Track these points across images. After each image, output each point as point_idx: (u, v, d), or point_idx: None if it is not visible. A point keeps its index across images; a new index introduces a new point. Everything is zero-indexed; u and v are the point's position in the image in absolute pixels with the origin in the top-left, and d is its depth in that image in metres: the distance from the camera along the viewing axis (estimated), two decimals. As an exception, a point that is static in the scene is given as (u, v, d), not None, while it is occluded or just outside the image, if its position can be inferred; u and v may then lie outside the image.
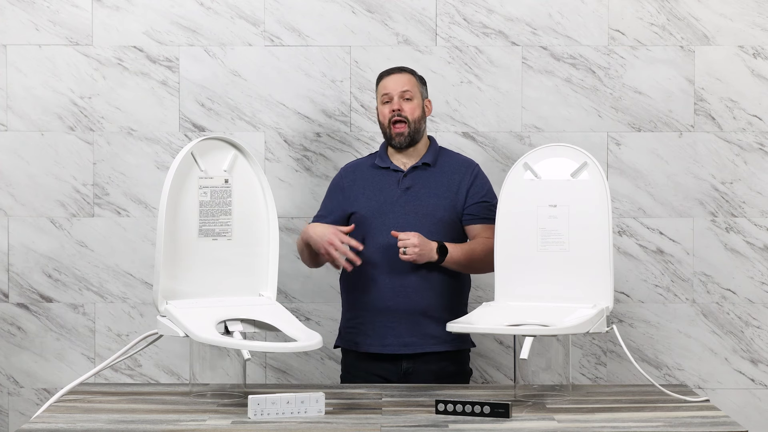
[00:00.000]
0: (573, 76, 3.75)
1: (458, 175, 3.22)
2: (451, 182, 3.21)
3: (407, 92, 3.20)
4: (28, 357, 3.77)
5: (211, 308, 2.70)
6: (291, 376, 3.78)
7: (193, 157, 2.78)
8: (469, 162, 3.29)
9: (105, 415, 2.54)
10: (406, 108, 3.19)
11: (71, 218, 3.75)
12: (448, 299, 3.18)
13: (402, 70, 3.25)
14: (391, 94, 3.20)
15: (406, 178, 3.21)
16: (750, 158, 3.76)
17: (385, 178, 3.22)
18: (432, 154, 3.24)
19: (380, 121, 3.23)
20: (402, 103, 3.19)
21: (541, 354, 2.75)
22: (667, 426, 2.43)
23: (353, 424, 2.43)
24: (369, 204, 3.17)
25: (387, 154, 3.26)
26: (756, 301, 3.77)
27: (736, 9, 3.75)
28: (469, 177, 3.23)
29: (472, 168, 3.26)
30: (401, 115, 3.18)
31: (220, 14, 3.75)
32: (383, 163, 3.24)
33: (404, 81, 3.21)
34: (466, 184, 3.22)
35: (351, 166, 3.33)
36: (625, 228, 3.76)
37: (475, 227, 3.20)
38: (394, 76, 3.23)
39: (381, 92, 3.23)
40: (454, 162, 3.26)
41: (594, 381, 3.77)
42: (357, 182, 3.25)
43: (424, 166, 3.23)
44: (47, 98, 3.75)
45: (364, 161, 3.32)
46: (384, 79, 3.24)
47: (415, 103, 3.21)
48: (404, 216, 3.15)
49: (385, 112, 3.21)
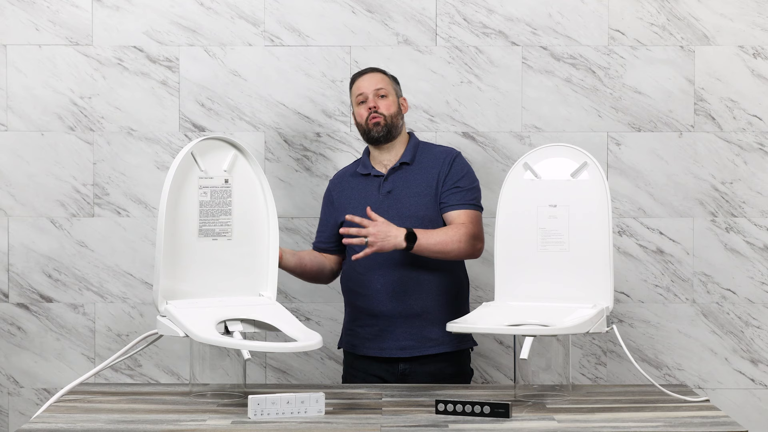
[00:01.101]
0: (573, 76, 3.75)
1: (436, 168, 3.20)
2: (430, 177, 3.20)
3: (381, 90, 3.22)
4: (28, 357, 3.77)
5: (211, 308, 2.70)
6: (291, 376, 3.78)
7: (193, 157, 2.78)
8: (448, 151, 3.25)
9: (105, 415, 2.54)
10: (382, 105, 3.21)
11: (71, 218, 3.75)
12: (446, 301, 3.18)
13: (373, 70, 3.28)
14: (366, 94, 3.21)
15: (386, 182, 3.21)
16: (750, 158, 3.76)
17: (368, 184, 3.23)
18: (410, 152, 3.23)
19: (357, 122, 3.24)
20: (377, 100, 3.21)
21: (541, 354, 2.75)
22: (667, 426, 2.43)
23: (353, 424, 2.43)
24: (355, 212, 3.15)
25: (369, 159, 3.27)
26: (756, 301, 3.77)
27: (736, 9, 3.75)
28: (446, 167, 3.20)
29: (450, 156, 3.23)
30: (377, 112, 3.19)
31: (220, 14, 3.75)
32: (365, 170, 3.26)
33: (377, 80, 3.23)
34: (443, 175, 3.20)
35: (338, 176, 3.35)
36: (625, 228, 3.76)
37: (450, 214, 3.16)
38: (366, 77, 3.25)
39: (355, 93, 3.24)
40: (432, 155, 3.24)
41: (594, 381, 3.76)
42: (344, 192, 3.27)
43: (402, 166, 3.22)
44: (47, 98, 3.75)
45: (348, 169, 3.34)
46: (357, 81, 3.26)
47: (390, 99, 3.22)
48: (389, 220, 3.12)
49: (361, 112, 3.22)
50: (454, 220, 3.15)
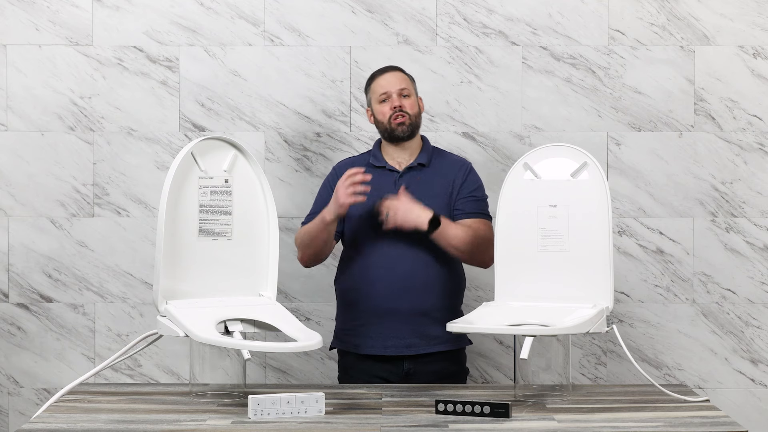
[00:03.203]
0: (573, 76, 3.75)
1: (452, 174, 3.23)
2: (445, 182, 3.21)
3: (405, 89, 3.22)
4: (28, 357, 3.77)
5: (211, 308, 2.70)
6: (291, 376, 3.78)
7: (193, 157, 2.78)
8: (462, 161, 3.30)
9: (105, 415, 2.53)
10: (406, 104, 3.21)
11: (71, 218, 3.75)
12: (448, 299, 3.18)
13: (395, 68, 3.28)
14: (390, 92, 3.21)
15: (403, 178, 3.21)
16: (750, 158, 3.76)
17: (381, 177, 3.22)
18: (426, 154, 3.24)
19: (378, 120, 3.23)
20: (401, 99, 3.21)
21: (541, 354, 2.75)
22: (667, 426, 2.43)
23: (353, 424, 2.43)
24: (365, 203, 3.16)
25: (381, 153, 3.26)
26: (756, 301, 3.77)
27: (736, 9, 3.75)
28: (462, 174, 3.23)
29: (465, 166, 3.27)
30: (403, 111, 3.19)
31: (220, 14, 3.75)
32: (378, 162, 3.24)
33: (400, 79, 3.23)
34: (460, 181, 3.22)
35: (346, 163, 3.31)
36: (625, 228, 3.76)
37: (465, 221, 3.18)
38: (389, 75, 3.24)
39: (378, 91, 3.23)
40: (447, 162, 3.27)
41: (594, 381, 3.76)
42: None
43: (419, 166, 3.23)
44: (47, 98, 3.75)
45: (358, 160, 3.31)
46: (379, 78, 3.25)
47: (412, 99, 3.23)
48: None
49: (384, 110, 3.21)
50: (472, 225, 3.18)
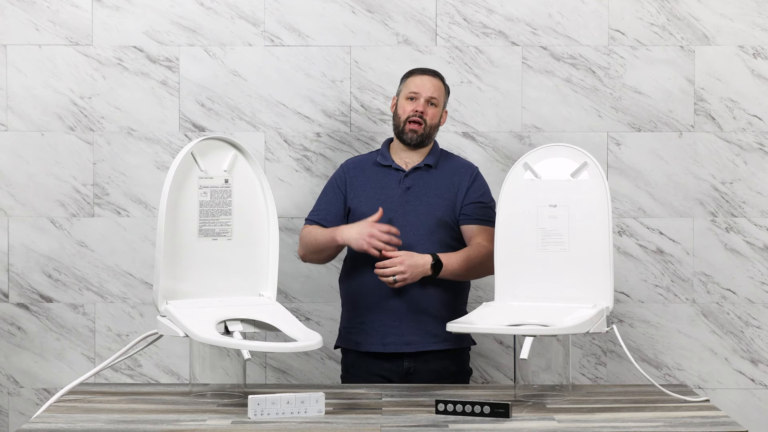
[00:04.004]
0: (573, 76, 3.75)
1: (458, 177, 3.23)
2: (451, 184, 3.22)
3: (434, 99, 3.21)
4: (28, 357, 3.77)
5: (211, 308, 2.70)
6: (291, 376, 3.78)
7: (193, 157, 2.78)
8: (469, 165, 3.30)
9: (105, 415, 2.54)
10: (429, 112, 3.21)
11: (71, 218, 3.75)
12: (449, 297, 3.18)
13: (436, 74, 3.26)
14: (420, 94, 3.20)
15: (408, 177, 3.21)
16: (750, 158, 3.76)
17: (387, 176, 3.23)
18: (434, 156, 3.25)
19: (398, 113, 3.23)
20: (426, 107, 3.20)
21: (541, 354, 2.75)
22: (667, 426, 2.43)
23: (353, 424, 2.43)
24: (369, 201, 3.17)
25: (389, 152, 3.26)
26: (756, 301, 3.77)
27: (736, 9, 3.75)
28: (469, 178, 3.24)
29: (472, 170, 3.27)
30: (422, 117, 3.19)
31: (220, 14, 3.75)
32: (385, 161, 3.25)
33: (435, 86, 3.22)
34: (465, 185, 3.22)
35: (353, 162, 3.33)
36: (625, 228, 3.76)
37: (471, 228, 3.20)
38: (426, 78, 3.23)
39: (409, 88, 3.22)
40: (454, 164, 3.27)
41: (594, 381, 3.76)
42: (359, 178, 3.25)
43: (426, 167, 3.23)
44: (47, 98, 3.75)
45: (366, 158, 3.32)
46: (415, 77, 3.24)
47: (437, 110, 3.23)
48: (404, 215, 3.16)
49: (406, 108, 3.21)
50: (474, 234, 3.18)
